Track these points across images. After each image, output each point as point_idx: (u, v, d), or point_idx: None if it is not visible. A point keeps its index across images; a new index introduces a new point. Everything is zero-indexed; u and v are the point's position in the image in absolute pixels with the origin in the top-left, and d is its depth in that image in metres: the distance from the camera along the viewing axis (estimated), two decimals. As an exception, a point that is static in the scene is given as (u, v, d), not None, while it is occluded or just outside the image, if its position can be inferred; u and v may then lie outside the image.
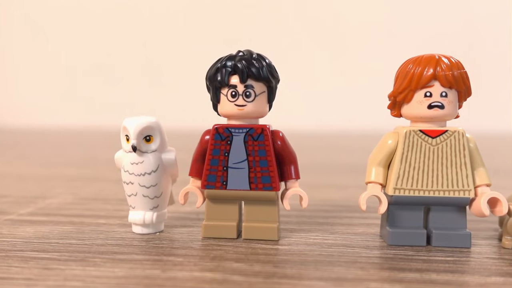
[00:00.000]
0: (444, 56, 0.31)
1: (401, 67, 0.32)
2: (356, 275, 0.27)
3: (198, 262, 0.29)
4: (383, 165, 0.33)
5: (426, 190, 0.31)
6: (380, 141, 0.33)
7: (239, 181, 0.33)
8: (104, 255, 0.30)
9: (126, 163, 0.34)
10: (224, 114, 0.33)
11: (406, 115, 0.32)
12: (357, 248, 0.31)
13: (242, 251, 0.31)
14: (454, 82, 0.31)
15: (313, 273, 0.27)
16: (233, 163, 0.33)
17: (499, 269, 0.28)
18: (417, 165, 0.31)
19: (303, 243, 0.32)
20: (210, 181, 0.33)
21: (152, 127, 0.33)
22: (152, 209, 0.34)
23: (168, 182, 0.35)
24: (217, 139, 0.33)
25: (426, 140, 0.31)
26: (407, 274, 0.27)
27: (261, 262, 0.29)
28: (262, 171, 0.33)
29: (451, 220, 0.32)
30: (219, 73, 0.32)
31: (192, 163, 0.34)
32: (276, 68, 0.33)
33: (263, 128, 0.33)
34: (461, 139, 0.31)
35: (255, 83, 0.32)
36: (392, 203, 0.32)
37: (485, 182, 0.32)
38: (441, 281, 0.26)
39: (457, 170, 0.31)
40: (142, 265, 0.28)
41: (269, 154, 0.33)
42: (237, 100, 0.32)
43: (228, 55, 0.33)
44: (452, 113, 0.31)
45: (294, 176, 0.34)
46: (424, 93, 0.31)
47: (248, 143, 0.33)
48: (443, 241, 0.32)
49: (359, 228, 0.36)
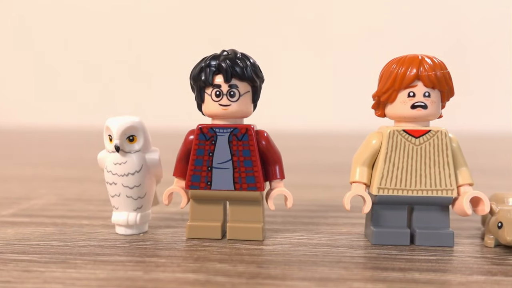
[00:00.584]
0: (427, 56, 0.32)
1: (385, 67, 0.33)
2: (340, 275, 0.27)
3: (181, 263, 0.28)
4: (367, 165, 0.33)
5: (410, 190, 0.32)
6: (364, 141, 0.33)
7: (224, 181, 0.33)
8: (85, 256, 0.29)
9: (109, 163, 0.33)
10: (208, 114, 0.33)
11: (390, 115, 0.33)
12: (341, 248, 0.31)
13: (226, 252, 0.30)
14: (437, 82, 0.31)
15: (296, 273, 0.27)
16: (217, 163, 0.33)
17: (480, 267, 0.28)
18: (401, 165, 0.32)
19: (288, 243, 0.32)
20: (194, 181, 0.33)
21: (135, 127, 0.33)
22: (135, 210, 0.34)
23: (152, 183, 0.35)
24: (201, 139, 0.33)
25: (409, 140, 0.32)
26: (390, 274, 0.27)
27: (245, 263, 0.28)
28: (247, 171, 0.32)
29: (434, 219, 0.32)
30: (203, 73, 0.32)
31: (176, 163, 0.34)
32: (260, 68, 0.33)
33: (247, 128, 0.32)
34: (444, 139, 0.31)
35: (240, 83, 0.32)
36: (376, 203, 0.32)
37: (468, 181, 0.32)
38: (423, 280, 0.26)
39: (440, 169, 0.31)
40: (124, 266, 0.28)
41: (254, 154, 0.32)
42: (221, 100, 0.32)
43: (212, 55, 0.33)
44: (435, 113, 0.32)
45: (279, 176, 0.34)
46: (408, 93, 0.31)
47: (232, 143, 0.33)
48: (427, 240, 0.32)
49: (344, 227, 0.36)
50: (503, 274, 0.27)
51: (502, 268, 0.28)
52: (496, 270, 0.28)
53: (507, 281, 0.26)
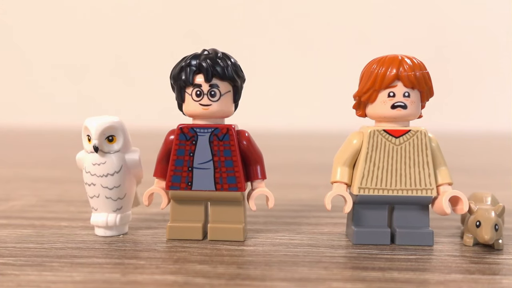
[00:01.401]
0: (407, 57, 0.32)
1: (365, 68, 0.33)
2: (319, 275, 0.27)
3: (161, 265, 0.28)
4: (348, 164, 0.33)
5: (390, 189, 0.32)
6: (346, 141, 0.33)
7: (204, 182, 0.32)
8: (62, 259, 0.29)
9: (87, 164, 0.33)
10: (189, 114, 0.33)
11: (371, 115, 0.33)
12: (322, 247, 0.31)
13: (206, 253, 0.30)
14: (416, 82, 0.31)
15: (276, 273, 0.27)
16: (198, 163, 0.32)
17: (459, 266, 0.28)
18: (381, 165, 0.32)
19: (269, 243, 0.32)
20: (174, 181, 0.33)
21: (114, 127, 0.33)
22: (115, 211, 0.33)
23: (132, 183, 0.34)
24: (182, 139, 0.32)
25: (389, 139, 0.32)
26: (370, 273, 0.27)
27: (225, 264, 0.28)
28: (228, 171, 0.32)
29: (414, 218, 0.33)
30: (184, 72, 0.32)
31: (157, 163, 0.34)
32: (241, 68, 0.33)
33: (228, 128, 0.32)
34: (423, 139, 0.32)
35: (220, 83, 0.32)
36: (357, 203, 0.32)
37: (447, 181, 0.32)
38: (402, 279, 0.26)
39: (419, 169, 0.32)
40: (101, 268, 0.27)
41: (235, 154, 0.32)
42: (202, 100, 0.32)
43: (193, 54, 0.32)
44: (415, 113, 0.32)
45: (260, 176, 0.34)
46: (388, 93, 0.31)
47: (213, 143, 0.32)
48: (407, 239, 0.32)
49: (325, 227, 0.36)
50: (480, 272, 0.27)
51: (480, 266, 0.28)
52: (474, 268, 0.28)
53: (485, 279, 0.26)
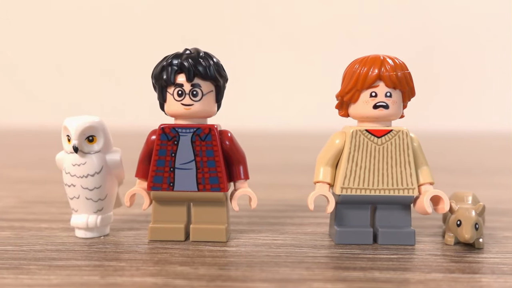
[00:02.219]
0: (388, 57, 0.32)
1: (347, 68, 0.33)
2: (301, 275, 0.27)
3: (141, 267, 0.28)
4: (331, 164, 0.33)
5: (372, 189, 0.32)
6: (328, 141, 0.33)
7: (187, 182, 0.32)
8: (41, 261, 0.28)
9: (67, 164, 0.32)
10: (170, 114, 0.33)
11: (353, 115, 0.33)
12: (305, 248, 0.31)
13: (188, 254, 0.30)
14: (398, 82, 0.31)
15: (258, 274, 0.27)
16: (180, 163, 0.32)
17: (439, 265, 0.29)
18: (364, 165, 0.32)
19: (252, 244, 0.32)
20: (156, 182, 0.32)
21: (95, 127, 0.32)
22: (96, 212, 0.33)
23: (114, 184, 0.34)
24: (164, 139, 0.32)
25: (372, 139, 0.32)
26: (351, 273, 0.27)
27: (206, 265, 0.28)
28: (210, 171, 0.32)
29: (396, 218, 0.33)
30: (165, 72, 0.32)
31: (139, 164, 0.33)
32: (224, 67, 0.33)
33: (210, 128, 0.32)
34: (405, 139, 0.32)
35: (202, 82, 0.32)
36: (340, 202, 0.32)
37: (428, 180, 0.32)
38: (383, 279, 0.26)
39: (401, 169, 0.32)
40: (80, 271, 0.27)
41: (217, 155, 0.32)
42: (183, 99, 0.32)
43: (175, 53, 0.32)
44: (397, 113, 0.32)
45: (243, 177, 0.33)
46: (370, 93, 0.31)
47: (195, 143, 0.32)
48: (389, 239, 0.32)
49: (309, 227, 0.36)
50: (460, 271, 0.28)
51: (460, 265, 0.28)
52: (454, 267, 0.28)
53: (464, 278, 0.27)
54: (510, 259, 0.29)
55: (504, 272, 0.27)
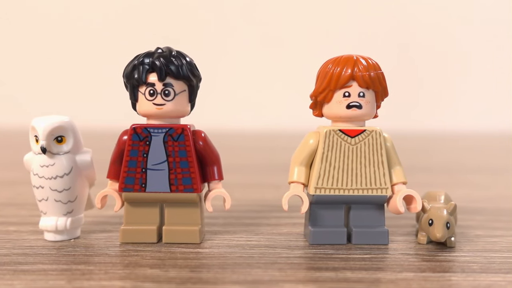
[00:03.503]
0: (362, 57, 0.32)
1: (321, 67, 0.33)
2: (273, 276, 0.26)
3: (110, 270, 0.27)
4: (305, 164, 0.33)
5: (346, 189, 0.32)
6: (302, 140, 0.33)
7: (159, 183, 0.32)
8: (5, 266, 0.27)
9: (35, 165, 0.31)
10: (142, 114, 0.32)
11: (327, 115, 0.33)
12: (279, 248, 0.31)
13: (160, 256, 0.29)
14: (371, 82, 0.31)
15: (229, 276, 0.26)
16: (152, 164, 0.32)
17: (411, 264, 0.29)
18: (337, 164, 0.32)
19: (226, 245, 0.32)
20: (128, 183, 0.32)
21: (63, 127, 0.31)
22: (65, 215, 0.32)
23: (84, 185, 0.33)
24: (135, 139, 0.31)
25: (345, 139, 0.32)
26: (323, 273, 0.27)
27: (177, 267, 0.28)
28: (183, 172, 0.32)
29: (370, 218, 0.33)
30: (136, 71, 0.31)
31: (110, 165, 0.33)
32: (197, 66, 0.32)
33: (183, 128, 0.32)
34: (378, 139, 0.32)
35: (175, 82, 0.31)
36: (314, 203, 0.32)
37: (401, 180, 0.32)
38: (354, 279, 0.26)
39: (375, 168, 0.32)
40: (46, 275, 0.26)
41: (190, 155, 0.32)
42: (155, 99, 0.31)
43: (146, 52, 0.32)
44: (370, 113, 0.32)
45: (217, 177, 0.33)
46: (343, 93, 0.31)
47: (168, 144, 0.32)
48: (363, 238, 0.32)
49: (285, 228, 0.36)
50: (431, 270, 0.28)
51: (431, 264, 0.29)
52: (425, 266, 0.28)
53: (434, 276, 0.27)
54: (480, 258, 0.30)
55: (474, 270, 0.28)
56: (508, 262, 0.29)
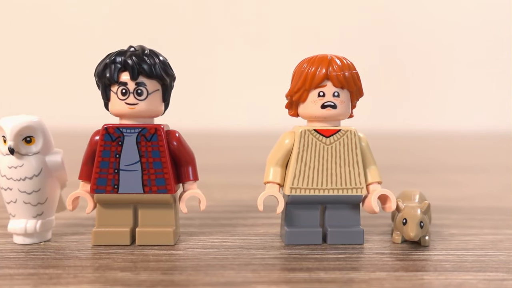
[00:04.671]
0: (336, 57, 0.32)
1: (296, 67, 0.33)
2: (246, 278, 0.26)
3: (79, 274, 0.26)
4: (281, 164, 0.32)
5: (321, 189, 0.32)
6: (278, 140, 0.33)
7: (132, 184, 0.31)
8: (-30, 271, 0.26)
9: (3, 167, 0.30)
10: (115, 113, 0.31)
11: (302, 115, 0.33)
12: (254, 249, 0.31)
13: (132, 259, 0.29)
14: (345, 82, 0.31)
15: (202, 278, 0.26)
16: (125, 165, 0.31)
17: (385, 264, 0.29)
18: (313, 164, 0.32)
19: (200, 246, 0.31)
20: (99, 184, 0.31)
21: (33, 127, 0.31)
22: (35, 217, 0.31)
23: (55, 187, 0.32)
24: (107, 139, 0.31)
25: (320, 139, 0.32)
26: (297, 274, 0.27)
27: (149, 270, 0.27)
28: (156, 173, 0.31)
29: (345, 217, 0.33)
30: (108, 69, 0.30)
31: (82, 165, 0.32)
32: (170, 65, 0.32)
33: (156, 128, 0.31)
34: (353, 138, 0.32)
35: (148, 81, 0.31)
36: (289, 203, 0.32)
37: (376, 179, 0.32)
38: (328, 279, 0.26)
39: (350, 168, 0.32)
40: (11, 280, 0.25)
41: (163, 155, 0.31)
42: (127, 99, 0.30)
43: (118, 51, 0.31)
44: (345, 112, 0.32)
45: (192, 178, 0.33)
46: (318, 92, 0.31)
47: (141, 144, 0.31)
48: (338, 238, 0.32)
49: (261, 228, 0.36)
50: (404, 269, 0.28)
51: (405, 263, 0.29)
52: (399, 266, 0.28)
53: (407, 276, 0.27)
54: (453, 256, 0.30)
55: (446, 269, 0.28)
56: (480, 260, 0.29)
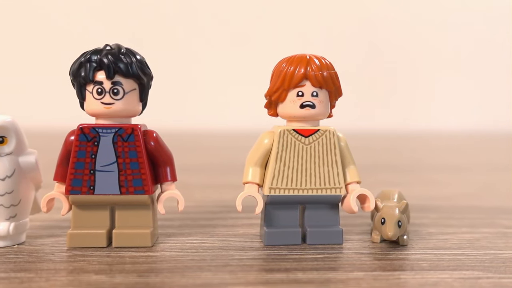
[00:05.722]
0: (315, 56, 0.32)
1: (275, 67, 0.32)
2: (222, 279, 0.26)
3: (52, 277, 0.26)
4: (260, 164, 0.32)
5: (301, 189, 0.32)
6: (257, 140, 0.33)
7: (108, 185, 0.30)
8: None
9: (-26, 168, 0.30)
10: (90, 113, 0.31)
11: (281, 114, 0.32)
12: (232, 250, 0.31)
13: (107, 261, 0.28)
14: (324, 82, 0.31)
15: (177, 280, 0.26)
16: (101, 165, 0.30)
17: (363, 264, 0.29)
18: (292, 164, 0.31)
19: (178, 248, 0.31)
20: (75, 186, 0.30)
21: (5, 127, 0.30)
22: (8, 219, 0.30)
23: (29, 188, 0.32)
24: (83, 140, 0.30)
25: (299, 139, 0.32)
26: (274, 275, 0.27)
27: (125, 272, 0.27)
28: (133, 173, 0.31)
29: (325, 217, 0.33)
30: (83, 68, 0.30)
31: (57, 166, 0.31)
32: (148, 64, 0.32)
33: (133, 128, 0.31)
34: (332, 138, 0.32)
35: (124, 80, 0.30)
36: (268, 203, 0.32)
37: (355, 179, 0.33)
38: (305, 280, 0.26)
39: (329, 168, 0.32)
40: (-19, 285, 0.25)
41: (141, 156, 0.31)
42: (103, 98, 0.30)
43: (94, 49, 0.31)
44: (324, 112, 0.32)
45: (170, 178, 0.32)
46: (297, 92, 0.31)
47: (117, 144, 0.30)
48: (317, 238, 0.32)
49: (241, 229, 0.36)
50: (381, 269, 0.28)
51: (382, 263, 0.29)
52: (376, 265, 0.28)
53: (384, 275, 0.27)
54: (430, 255, 0.30)
55: (423, 268, 0.28)
56: (456, 259, 0.29)
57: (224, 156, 0.81)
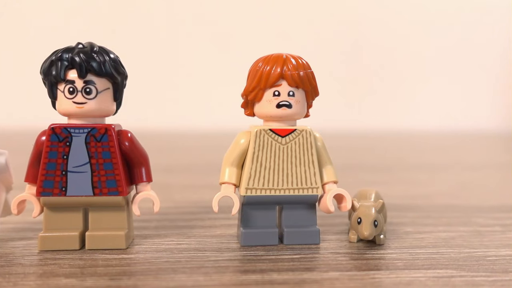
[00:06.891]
0: (292, 56, 0.32)
1: (252, 66, 0.32)
2: (196, 281, 0.26)
3: (20, 282, 0.25)
4: (236, 165, 0.32)
5: (277, 189, 0.31)
6: (234, 140, 0.32)
7: (81, 186, 0.30)
8: None
9: None
10: (62, 113, 0.30)
11: (258, 114, 0.32)
12: (208, 251, 0.30)
13: (79, 264, 0.28)
14: (300, 82, 0.31)
15: (150, 283, 0.25)
16: (73, 166, 0.30)
17: (339, 263, 0.29)
18: (268, 164, 0.31)
19: (154, 250, 0.30)
20: (46, 187, 0.30)
21: (-28, 127, 0.29)
22: (-23, 222, 0.30)
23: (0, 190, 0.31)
24: (54, 140, 0.30)
25: (276, 139, 0.31)
26: (249, 276, 0.26)
27: (96, 276, 0.26)
28: (107, 174, 0.30)
29: (302, 217, 0.33)
30: (54, 67, 0.29)
31: (28, 167, 0.31)
32: (122, 63, 0.31)
33: (107, 128, 0.30)
34: (308, 138, 0.32)
35: (97, 79, 0.29)
36: (245, 203, 0.32)
37: (332, 179, 0.33)
38: (280, 280, 0.26)
39: (305, 168, 0.32)
40: None
41: (114, 156, 0.30)
42: (75, 97, 0.29)
43: (65, 47, 0.30)
44: (301, 112, 0.32)
45: (145, 179, 0.32)
46: (273, 92, 0.31)
47: (90, 145, 0.30)
48: (294, 239, 0.32)
49: (219, 229, 0.35)
50: (357, 268, 0.28)
51: (358, 262, 0.29)
52: (352, 265, 0.28)
53: (359, 275, 0.27)
54: (406, 254, 0.30)
55: (398, 267, 0.28)
56: (431, 258, 0.30)
57: (205, 156, 0.81)
